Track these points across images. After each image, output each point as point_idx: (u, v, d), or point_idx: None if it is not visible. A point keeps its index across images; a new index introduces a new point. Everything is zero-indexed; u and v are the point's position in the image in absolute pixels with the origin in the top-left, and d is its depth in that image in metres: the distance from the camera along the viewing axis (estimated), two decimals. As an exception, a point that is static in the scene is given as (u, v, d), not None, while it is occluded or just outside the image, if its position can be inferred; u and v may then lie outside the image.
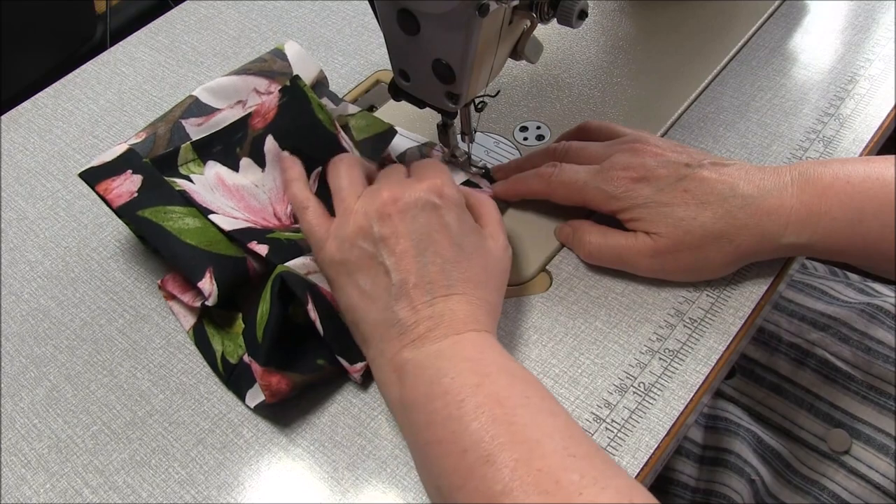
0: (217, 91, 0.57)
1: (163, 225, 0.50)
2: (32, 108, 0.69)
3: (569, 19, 0.46)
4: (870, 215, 0.44)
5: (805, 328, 0.65)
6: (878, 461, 0.60)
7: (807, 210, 0.45)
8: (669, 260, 0.48)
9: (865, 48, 0.64)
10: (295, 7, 0.75)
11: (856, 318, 0.64)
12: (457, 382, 0.39)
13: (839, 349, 0.63)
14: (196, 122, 0.56)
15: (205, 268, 0.48)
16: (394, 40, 0.49)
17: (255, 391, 0.47)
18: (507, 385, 0.39)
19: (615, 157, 0.50)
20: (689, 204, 0.47)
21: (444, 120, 0.54)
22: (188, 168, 0.54)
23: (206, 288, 0.48)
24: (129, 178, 0.52)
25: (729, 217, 0.46)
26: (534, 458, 0.36)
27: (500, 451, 0.36)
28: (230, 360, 0.48)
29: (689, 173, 0.47)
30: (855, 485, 0.60)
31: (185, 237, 0.50)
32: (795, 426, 0.63)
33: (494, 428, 0.37)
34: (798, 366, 0.64)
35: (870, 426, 0.61)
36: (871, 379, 0.61)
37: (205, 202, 0.52)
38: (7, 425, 0.48)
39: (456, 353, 0.41)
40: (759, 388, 0.65)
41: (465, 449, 0.37)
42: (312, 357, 0.47)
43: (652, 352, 0.48)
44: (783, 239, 0.46)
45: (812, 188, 0.45)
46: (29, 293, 0.55)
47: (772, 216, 0.46)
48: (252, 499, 0.44)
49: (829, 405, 0.62)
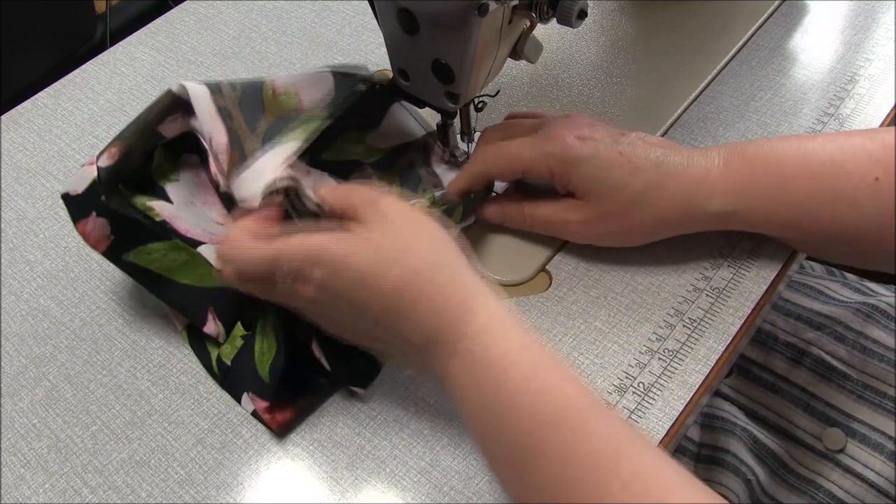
0: (200, 103, 0.49)
1: (150, 269, 0.48)
2: (32, 108, 0.69)
3: (568, 19, 0.46)
4: (793, 182, 0.46)
5: (801, 327, 0.65)
6: (873, 460, 0.60)
7: (733, 177, 0.47)
8: (596, 226, 0.50)
9: (865, 48, 0.64)
10: (295, 7, 0.75)
11: (851, 317, 0.64)
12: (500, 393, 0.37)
13: (835, 348, 0.63)
14: (171, 120, 0.50)
15: (206, 310, 0.48)
16: (393, 40, 0.49)
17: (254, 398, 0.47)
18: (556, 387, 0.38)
19: (550, 123, 0.50)
20: (623, 167, 0.47)
21: (444, 120, 0.54)
22: (163, 173, 0.51)
23: (213, 330, 0.48)
24: (96, 222, 0.48)
25: (658, 186, 0.47)
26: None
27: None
28: (225, 360, 0.48)
29: (624, 139, 0.48)
30: (850, 483, 0.60)
31: (177, 276, 0.48)
32: (791, 425, 0.63)
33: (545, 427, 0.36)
34: (794, 365, 0.64)
35: (865, 425, 0.61)
36: (867, 378, 0.61)
37: (188, 231, 0.49)
38: (7, 425, 0.48)
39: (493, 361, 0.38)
40: (755, 387, 0.66)
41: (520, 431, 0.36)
42: (316, 377, 0.47)
43: (651, 352, 0.48)
44: (709, 207, 0.47)
45: (738, 158, 0.47)
46: (29, 293, 0.55)
47: (699, 184, 0.47)
48: (251, 499, 0.44)
49: (825, 404, 0.62)
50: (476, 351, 0.38)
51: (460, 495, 0.43)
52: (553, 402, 0.36)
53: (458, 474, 0.44)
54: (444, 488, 0.44)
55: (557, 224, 0.51)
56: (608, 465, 0.34)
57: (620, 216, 0.49)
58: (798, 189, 0.46)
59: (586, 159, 0.48)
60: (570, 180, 0.49)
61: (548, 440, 0.36)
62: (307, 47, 0.71)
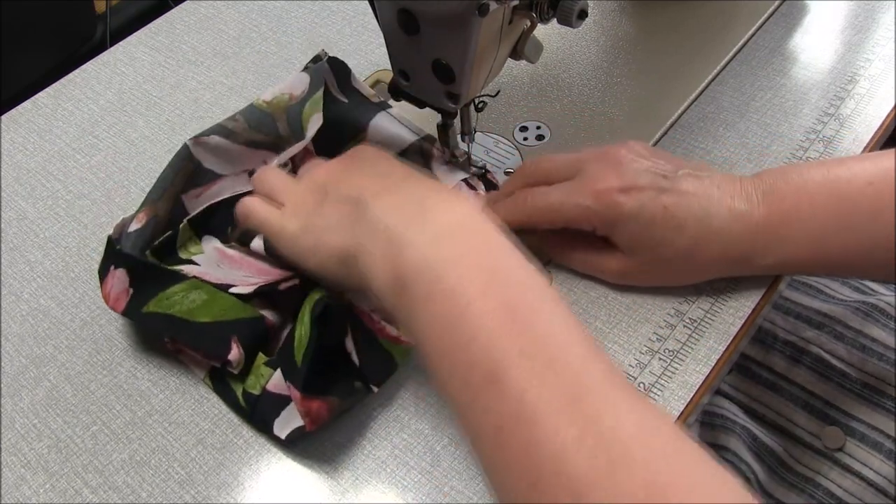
0: (222, 154, 0.54)
1: (171, 313, 0.47)
2: (32, 108, 0.69)
3: (569, 19, 0.46)
4: (831, 236, 0.45)
5: (801, 326, 0.65)
6: (872, 458, 0.60)
7: (772, 235, 0.46)
8: (635, 277, 0.50)
9: (865, 48, 0.64)
10: (295, 7, 0.75)
11: (851, 316, 0.64)
12: (461, 282, 0.36)
13: (834, 347, 0.63)
14: (196, 194, 0.53)
15: (229, 339, 0.46)
16: (394, 40, 0.49)
17: (284, 420, 0.45)
18: (520, 285, 0.36)
19: (589, 169, 0.48)
20: (667, 223, 0.46)
21: (444, 120, 0.54)
22: (188, 250, 0.52)
23: (235, 358, 0.46)
24: (115, 276, 0.49)
25: (703, 242, 0.46)
26: (547, 377, 0.32)
27: (509, 367, 0.33)
28: (252, 391, 0.46)
29: (669, 186, 0.47)
30: (849, 482, 0.60)
31: (197, 317, 0.47)
32: (790, 423, 0.63)
33: (504, 340, 0.34)
34: (793, 363, 0.64)
35: (864, 424, 0.61)
36: (866, 377, 0.62)
37: (217, 279, 0.49)
38: (7, 425, 0.48)
39: (459, 240, 0.38)
40: (754, 386, 0.66)
41: (471, 363, 0.34)
42: (350, 379, 0.46)
43: (652, 352, 0.48)
44: (751, 262, 0.47)
45: (776, 211, 0.46)
46: (29, 293, 0.55)
47: (741, 243, 0.46)
48: (252, 499, 0.44)
49: (824, 402, 0.62)
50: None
51: (461, 495, 0.43)
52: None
53: (458, 474, 0.44)
54: (444, 488, 0.44)
55: (596, 269, 0.50)
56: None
57: (663, 269, 0.48)
58: (837, 244, 0.45)
59: (630, 217, 0.46)
60: (612, 234, 0.48)
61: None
62: (307, 47, 0.71)
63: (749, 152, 0.58)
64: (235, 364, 0.46)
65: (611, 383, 0.33)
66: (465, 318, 0.35)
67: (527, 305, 0.35)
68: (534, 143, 0.60)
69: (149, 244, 0.51)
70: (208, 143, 0.53)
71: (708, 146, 0.59)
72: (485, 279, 0.36)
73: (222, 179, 0.54)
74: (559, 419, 0.31)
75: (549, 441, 0.31)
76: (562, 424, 0.31)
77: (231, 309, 0.47)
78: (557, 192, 0.49)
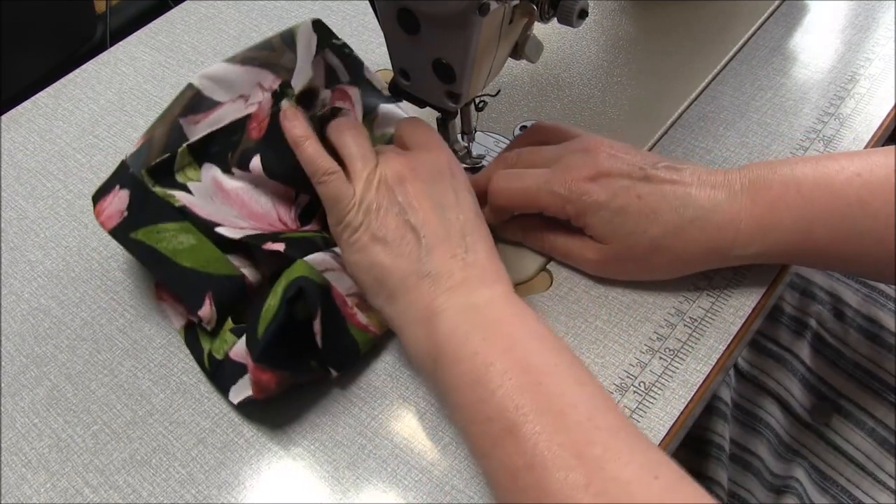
0: (221, 80, 0.54)
1: (156, 247, 0.49)
2: (32, 108, 0.69)
3: (569, 19, 0.46)
4: (819, 225, 0.45)
5: (805, 301, 0.65)
6: (854, 435, 0.62)
7: (756, 223, 0.45)
8: (613, 267, 0.50)
9: (865, 48, 0.64)
10: (295, 7, 0.75)
11: (851, 295, 0.64)
12: (487, 344, 0.40)
13: (833, 326, 0.64)
14: (195, 120, 0.53)
15: (204, 293, 0.48)
16: (394, 40, 0.49)
17: (239, 387, 0.47)
18: (537, 351, 0.40)
19: (567, 158, 0.49)
20: (641, 212, 0.46)
21: (444, 116, 0.54)
22: (185, 174, 0.52)
23: (206, 315, 0.48)
24: (118, 195, 0.51)
25: (678, 231, 0.46)
26: (557, 432, 0.36)
27: (523, 421, 0.37)
28: (216, 356, 0.48)
29: (644, 175, 0.47)
30: (831, 456, 0.62)
31: (180, 259, 0.49)
32: (789, 394, 0.65)
33: (519, 397, 0.37)
34: (797, 337, 0.65)
35: (852, 403, 0.63)
36: (858, 357, 0.63)
37: (208, 215, 0.50)
38: (7, 425, 0.48)
39: (490, 312, 0.42)
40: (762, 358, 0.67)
41: (489, 417, 0.38)
42: (307, 357, 0.47)
43: (652, 351, 0.48)
44: (731, 252, 0.47)
45: (762, 199, 0.45)
46: (29, 293, 0.55)
47: (721, 231, 0.46)
48: (252, 498, 0.44)
49: (818, 379, 0.64)
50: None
51: (462, 495, 0.43)
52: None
53: (459, 474, 0.44)
54: (445, 487, 0.44)
55: (575, 258, 0.51)
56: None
57: (638, 260, 0.48)
58: (824, 233, 0.45)
59: (601, 206, 0.47)
60: (585, 224, 0.48)
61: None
62: (307, 47, 0.71)
63: (749, 152, 0.58)
64: (206, 321, 0.48)
65: (614, 435, 0.36)
66: (487, 377, 0.39)
67: (541, 368, 0.39)
68: (534, 143, 0.60)
69: (142, 165, 0.51)
70: (210, 73, 0.53)
71: (708, 146, 0.59)
72: (506, 344, 0.40)
73: (221, 106, 0.54)
74: (568, 467, 0.35)
75: (558, 488, 0.35)
76: (570, 472, 0.35)
77: (213, 262, 0.49)
78: (533, 177, 0.49)
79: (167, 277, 0.49)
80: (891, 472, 0.60)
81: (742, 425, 0.67)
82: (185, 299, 0.49)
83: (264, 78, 0.54)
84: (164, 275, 0.49)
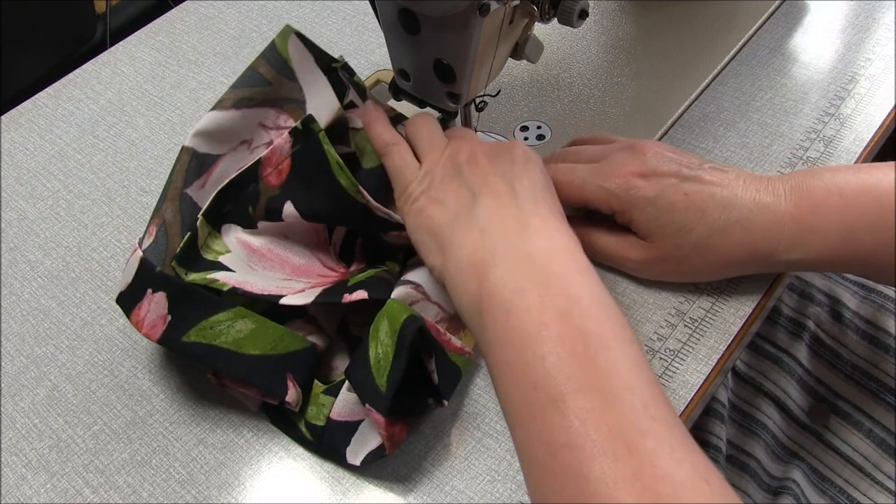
0: (214, 133, 0.48)
1: (216, 344, 0.44)
2: (32, 108, 0.69)
3: (569, 19, 0.46)
4: (862, 230, 0.44)
5: (804, 303, 0.66)
6: (851, 436, 0.62)
7: (800, 227, 0.45)
8: (655, 268, 0.49)
9: (866, 48, 0.64)
10: (295, 7, 0.75)
11: (849, 297, 0.64)
12: (543, 301, 0.37)
13: (830, 327, 0.64)
14: (200, 184, 0.48)
15: (283, 377, 0.44)
16: (394, 40, 0.49)
17: (355, 447, 0.44)
18: (598, 320, 0.36)
19: (615, 155, 0.49)
20: (688, 210, 0.46)
21: (444, 116, 0.54)
22: (211, 250, 0.47)
23: (294, 398, 0.44)
24: (153, 300, 0.45)
25: (724, 231, 0.46)
26: (608, 412, 0.32)
27: (573, 395, 0.33)
28: (316, 423, 0.45)
29: (691, 174, 0.47)
30: (829, 457, 0.62)
31: (246, 349, 0.44)
32: (786, 396, 0.65)
33: (572, 367, 0.34)
34: (794, 339, 0.65)
35: (849, 404, 0.62)
36: (856, 359, 0.62)
37: (262, 290, 0.45)
38: (7, 425, 0.48)
39: (550, 264, 0.39)
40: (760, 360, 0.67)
41: (535, 384, 0.34)
42: (423, 396, 0.45)
43: (653, 351, 0.48)
44: (775, 256, 0.46)
45: (806, 203, 0.45)
46: (29, 293, 0.55)
47: (766, 233, 0.45)
48: (253, 499, 0.44)
49: (816, 380, 0.64)
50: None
51: (462, 495, 0.43)
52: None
53: (459, 474, 0.44)
54: (445, 488, 0.44)
55: (617, 258, 0.50)
56: None
57: (683, 259, 0.47)
58: (869, 240, 0.44)
59: (649, 202, 0.46)
60: (631, 220, 0.48)
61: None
62: (307, 47, 0.71)
63: (749, 152, 0.58)
64: (294, 404, 0.44)
65: (669, 429, 0.33)
66: (540, 338, 0.35)
67: (600, 340, 0.35)
68: (534, 143, 0.60)
69: (164, 255, 0.46)
70: (200, 129, 0.48)
71: (708, 146, 0.59)
72: (565, 306, 0.36)
73: (222, 159, 0.49)
74: (615, 456, 0.31)
75: (600, 476, 0.31)
76: (617, 462, 0.31)
77: (280, 340, 0.45)
78: (581, 171, 0.49)
79: (239, 372, 0.44)
80: (889, 473, 0.60)
81: (739, 427, 0.67)
82: (265, 390, 0.44)
83: (266, 116, 0.49)
84: (235, 370, 0.44)
